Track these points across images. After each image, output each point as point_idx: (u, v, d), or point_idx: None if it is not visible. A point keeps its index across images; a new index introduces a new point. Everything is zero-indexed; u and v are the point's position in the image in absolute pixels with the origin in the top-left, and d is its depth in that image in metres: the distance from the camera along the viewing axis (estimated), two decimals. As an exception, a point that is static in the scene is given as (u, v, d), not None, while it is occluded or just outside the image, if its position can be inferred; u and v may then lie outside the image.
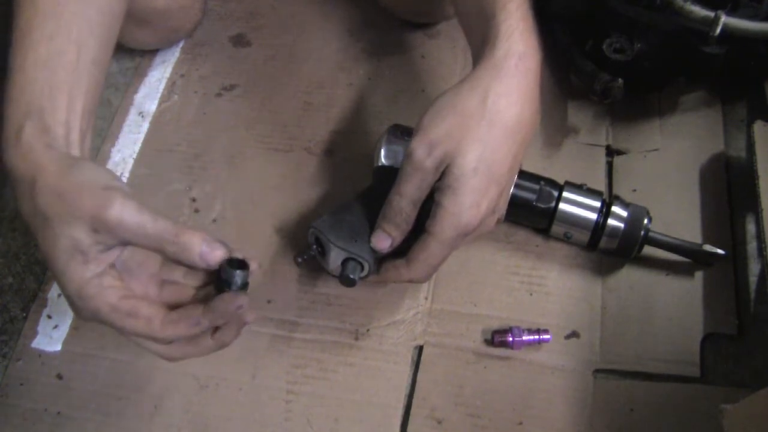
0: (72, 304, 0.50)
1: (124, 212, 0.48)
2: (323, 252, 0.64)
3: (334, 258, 0.63)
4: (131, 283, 0.52)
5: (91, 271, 0.49)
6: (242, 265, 0.51)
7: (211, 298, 0.51)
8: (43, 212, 0.48)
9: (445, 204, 0.55)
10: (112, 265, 0.50)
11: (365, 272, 0.63)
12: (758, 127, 0.70)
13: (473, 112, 0.54)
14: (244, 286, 0.51)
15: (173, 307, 0.51)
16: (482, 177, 0.54)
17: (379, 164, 0.69)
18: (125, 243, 0.49)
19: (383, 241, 0.60)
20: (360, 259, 0.62)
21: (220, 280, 0.51)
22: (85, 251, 0.48)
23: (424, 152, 0.55)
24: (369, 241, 0.62)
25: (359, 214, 0.64)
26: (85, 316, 0.50)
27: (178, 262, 0.50)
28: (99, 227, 0.48)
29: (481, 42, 0.58)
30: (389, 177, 0.60)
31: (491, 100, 0.54)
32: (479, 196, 0.55)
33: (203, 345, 0.53)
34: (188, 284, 0.55)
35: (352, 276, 0.62)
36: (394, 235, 0.60)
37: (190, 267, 0.51)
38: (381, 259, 0.63)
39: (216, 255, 0.49)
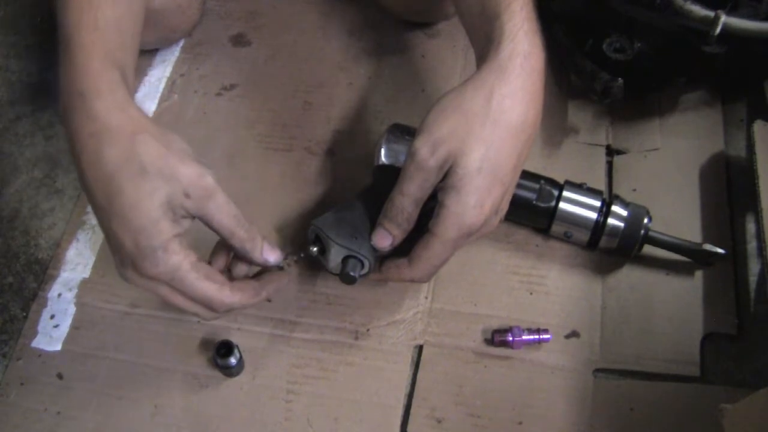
0: (151, 257, 0.52)
1: (218, 189, 0.53)
2: (323, 250, 0.63)
3: (334, 256, 0.63)
4: None
5: (177, 229, 0.52)
6: (229, 350, 0.65)
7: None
8: (142, 164, 0.50)
9: (448, 204, 0.55)
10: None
11: (365, 270, 0.63)
12: (758, 126, 0.70)
13: (477, 112, 0.54)
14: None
15: None
16: (486, 177, 0.54)
17: (380, 163, 0.69)
18: (205, 217, 0.54)
19: (384, 240, 0.60)
20: (360, 257, 0.62)
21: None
22: (176, 210, 0.52)
23: (427, 151, 0.55)
24: (369, 239, 0.61)
25: (359, 213, 0.63)
26: (158, 271, 0.52)
27: (241, 249, 0.57)
28: (193, 193, 0.52)
29: (484, 42, 0.58)
30: (389, 176, 0.60)
31: (496, 101, 0.54)
32: (483, 196, 0.54)
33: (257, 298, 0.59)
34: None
35: (352, 273, 0.62)
36: (395, 234, 0.59)
37: (247, 258, 0.58)
38: (382, 258, 0.63)
39: (276, 254, 0.59)
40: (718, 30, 0.68)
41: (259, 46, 0.92)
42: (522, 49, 0.55)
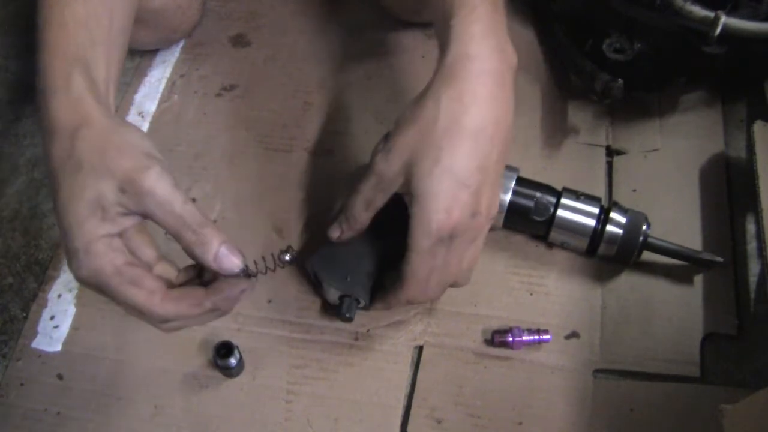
0: (74, 259, 0.48)
1: (159, 182, 0.48)
2: (320, 284, 0.66)
3: (332, 295, 0.66)
4: (135, 255, 0.51)
5: (105, 229, 0.48)
6: (229, 351, 0.63)
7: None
8: (78, 160, 0.48)
9: (413, 212, 0.55)
10: (122, 233, 0.50)
11: (362, 305, 0.65)
12: (758, 127, 0.70)
13: (429, 119, 0.54)
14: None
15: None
16: (444, 182, 0.53)
17: None
18: (146, 215, 0.49)
19: (334, 232, 0.63)
20: (355, 297, 0.64)
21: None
22: (107, 208, 0.48)
23: (382, 158, 0.56)
24: (365, 275, 0.64)
25: (354, 245, 0.64)
26: (84, 275, 0.49)
27: (190, 254, 0.50)
28: (128, 188, 0.47)
29: (441, 46, 0.57)
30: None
31: (444, 105, 0.54)
32: (447, 200, 0.54)
33: (201, 318, 0.52)
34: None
35: (348, 315, 0.65)
36: (343, 229, 0.62)
37: (200, 264, 0.50)
38: (375, 285, 0.65)
39: (232, 261, 0.49)
40: (718, 30, 0.68)
41: (259, 46, 0.92)
42: (467, 52, 0.54)
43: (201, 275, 0.54)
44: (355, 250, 0.65)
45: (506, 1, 0.59)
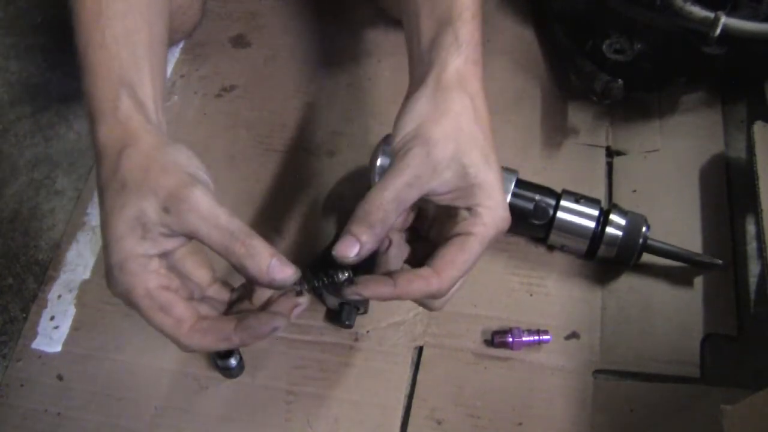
0: (109, 275, 0.47)
1: (202, 199, 0.46)
2: (321, 292, 0.66)
3: (332, 301, 0.67)
4: (174, 283, 0.49)
5: (143, 249, 0.47)
6: (229, 351, 0.63)
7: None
8: (123, 179, 0.47)
9: (478, 201, 0.50)
10: (165, 256, 0.48)
11: (362, 311, 0.66)
12: (758, 127, 0.70)
13: (459, 111, 0.52)
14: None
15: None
16: (497, 172, 0.51)
17: (374, 184, 0.68)
18: (191, 234, 0.47)
19: (349, 247, 0.48)
20: (355, 304, 0.65)
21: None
22: (148, 227, 0.46)
23: (418, 152, 0.50)
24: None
25: None
26: (117, 291, 0.48)
27: (241, 268, 0.47)
28: (171, 207, 0.46)
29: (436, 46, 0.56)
30: None
31: (466, 97, 0.52)
32: (502, 191, 0.52)
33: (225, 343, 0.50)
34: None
35: (348, 322, 0.65)
36: (365, 240, 0.48)
37: (251, 279, 0.47)
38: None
39: (285, 272, 0.47)
40: (718, 31, 0.68)
41: (259, 47, 0.92)
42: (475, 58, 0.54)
43: (250, 295, 0.52)
44: None
45: (507, 1, 0.59)
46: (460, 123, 0.51)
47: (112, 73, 0.51)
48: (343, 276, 0.49)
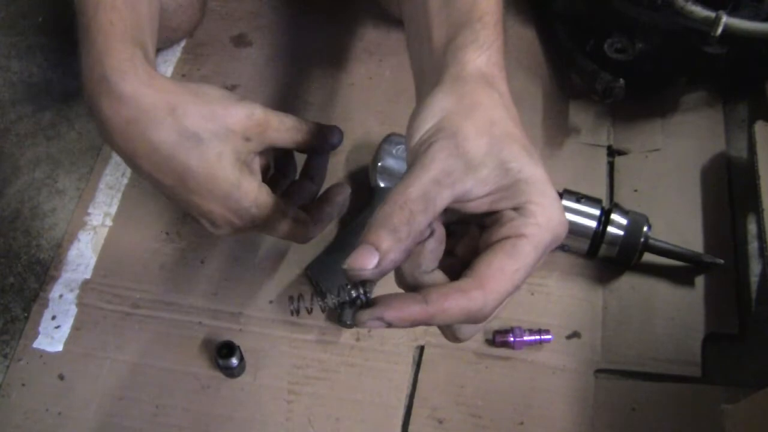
0: (245, 216, 0.54)
1: (267, 110, 0.54)
2: (321, 291, 0.67)
3: (332, 301, 0.65)
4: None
5: (257, 180, 0.54)
6: (231, 351, 0.64)
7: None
8: (196, 134, 0.51)
9: (532, 200, 0.42)
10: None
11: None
12: (759, 127, 0.70)
13: (490, 105, 0.44)
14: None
15: None
16: (543, 169, 0.44)
17: (376, 184, 0.67)
18: (269, 144, 0.55)
19: (364, 257, 0.39)
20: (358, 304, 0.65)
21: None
22: (248, 162, 0.54)
23: (444, 146, 0.42)
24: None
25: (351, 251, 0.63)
26: (252, 225, 0.55)
27: (311, 148, 0.59)
28: (251, 135, 0.53)
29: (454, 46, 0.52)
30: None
31: (492, 91, 0.46)
32: (555, 191, 0.44)
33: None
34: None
35: (349, 322, 0.66)
36: (386, 248, 0.39)
37: (319, 146, 0.59)
38: None
39: (337, 132, 0.60)
40: (719, 30, 0.68)
41: (260, 46, 0.92)
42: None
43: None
44: None
45: (507, 1, 0.58)
46: (491, 116, 0.43)
47: (126, 34, 0.53)
48: (355, 293, 0.39)
